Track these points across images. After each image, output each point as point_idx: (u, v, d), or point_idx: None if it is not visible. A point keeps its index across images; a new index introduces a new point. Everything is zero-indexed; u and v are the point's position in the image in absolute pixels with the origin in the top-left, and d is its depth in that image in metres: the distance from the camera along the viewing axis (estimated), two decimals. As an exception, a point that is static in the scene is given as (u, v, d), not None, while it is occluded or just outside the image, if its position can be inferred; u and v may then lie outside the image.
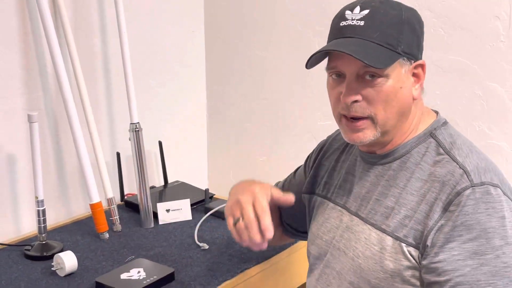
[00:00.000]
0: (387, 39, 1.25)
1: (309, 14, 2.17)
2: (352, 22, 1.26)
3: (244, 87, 2.45)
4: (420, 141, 1.32)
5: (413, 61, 1.28)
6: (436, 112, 1.38)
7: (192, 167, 2.56)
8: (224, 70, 2.49)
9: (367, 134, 1.28)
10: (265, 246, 1.33)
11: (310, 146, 1.65)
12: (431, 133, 1.32)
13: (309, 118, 2.26)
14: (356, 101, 1.26)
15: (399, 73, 1.26)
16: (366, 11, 1.26)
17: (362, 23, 1.25)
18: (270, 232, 1.31)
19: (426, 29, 1.31)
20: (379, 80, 1.25)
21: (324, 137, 1.62)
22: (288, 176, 1.68)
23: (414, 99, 1.30)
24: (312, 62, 1.30)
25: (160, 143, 2.28)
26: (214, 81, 2.53)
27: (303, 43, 2.20)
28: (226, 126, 2.54)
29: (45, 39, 1.86)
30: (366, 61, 1.20)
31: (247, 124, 2.47)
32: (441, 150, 1.28)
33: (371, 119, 1.27)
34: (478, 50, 1.86)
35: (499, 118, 1.87)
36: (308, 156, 1.62)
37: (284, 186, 1.67)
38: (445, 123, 1.35)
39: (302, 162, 1.65)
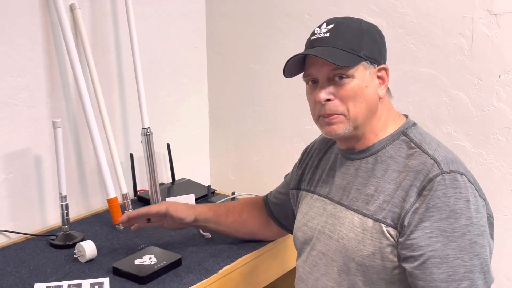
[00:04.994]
0: (350, 45, 1.29)
1: (297, 32, 2.16)
2: (320, 35, 1.32)
3: (241, 96, 2.44)
4: (393, 138, 1.35)
5: (376, 65, 1.32)
6: (406, 116, 1.41)
7: (196, 166, 2.54)
8: (223, 81, 2.48)
9: (340, 127, 1.32)
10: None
11: (299, 147, 1.65)
12: (403, 132, 1.35)
13: (297, 123, 2.25)
14: (329, 100, 1.30)
15: (363, 75, 1.30)
16: (331, 25, 1.32)
17: (328, 34, 1.31)
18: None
19: (399, 45, 1.32)
20: (346, 80, 1.29)
21: (310, 139, 1.63)
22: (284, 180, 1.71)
23: (380, 97, 1.34)
24: (291, 72, 1.36)
25: (168, 145, 2.28)
26: (214, 91, 2.52)
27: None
28: (225, 131, 2.53)
29: (67, 56, 1.86)
30: (331, 60, 1.25)
31: (244, 129, 2.46)
32: (413, 145, 1.31)
33: (344, 115, 1.31)
34: (445, 63, 1.86)
35: (463, 122, 1.87)
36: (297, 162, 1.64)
37: (278, 189, 1.70)
38: (414, 124, 1.38)
39: (292, 161, 1.66)
